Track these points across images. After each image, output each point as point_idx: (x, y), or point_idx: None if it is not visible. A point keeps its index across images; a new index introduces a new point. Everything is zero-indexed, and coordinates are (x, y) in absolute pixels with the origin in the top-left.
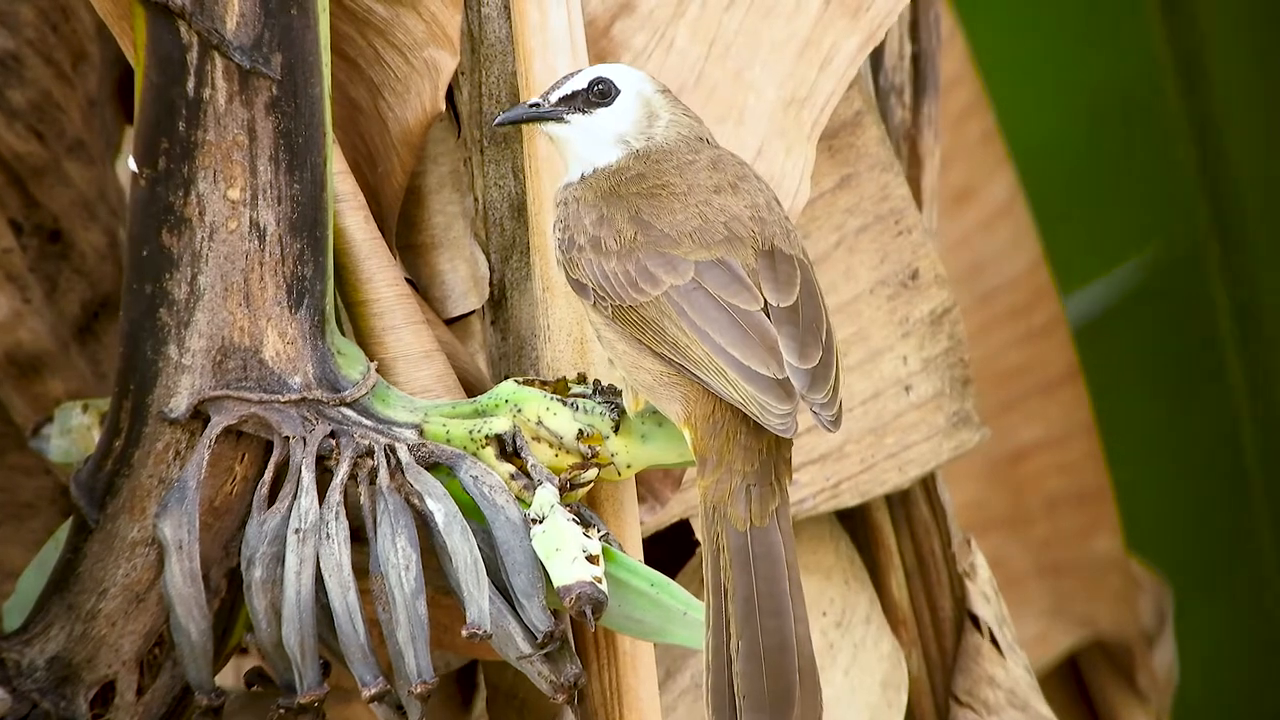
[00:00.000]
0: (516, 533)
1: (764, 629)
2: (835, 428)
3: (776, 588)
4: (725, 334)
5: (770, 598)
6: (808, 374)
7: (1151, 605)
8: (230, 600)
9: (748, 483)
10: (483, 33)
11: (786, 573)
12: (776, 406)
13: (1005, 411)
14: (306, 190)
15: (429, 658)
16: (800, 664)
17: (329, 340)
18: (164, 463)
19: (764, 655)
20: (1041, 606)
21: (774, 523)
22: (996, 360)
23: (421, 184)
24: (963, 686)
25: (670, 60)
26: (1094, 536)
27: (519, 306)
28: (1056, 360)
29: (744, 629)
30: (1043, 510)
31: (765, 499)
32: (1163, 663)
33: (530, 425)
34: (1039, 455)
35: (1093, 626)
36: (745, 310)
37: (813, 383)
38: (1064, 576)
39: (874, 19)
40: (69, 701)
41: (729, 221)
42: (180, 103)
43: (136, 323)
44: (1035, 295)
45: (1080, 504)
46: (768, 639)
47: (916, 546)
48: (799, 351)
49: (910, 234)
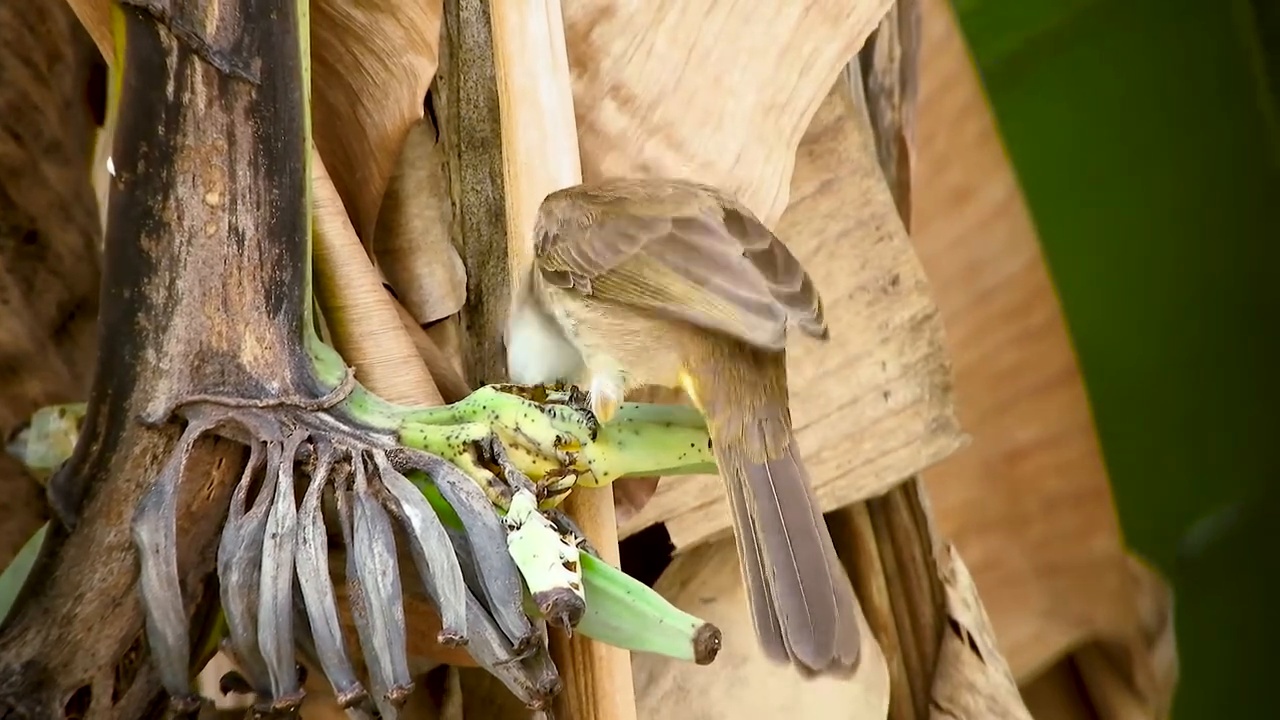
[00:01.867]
0: (493, 539)
1: (797, 554)
2: (826, 337)
3: (803, 515)
4: (709, 265)
5: (799, 524)
6: (791, 297)
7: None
8: (207, 605)
9: (759, 418)
10: (461, 37)
11: (809, 501)
12: (765, 323)
13: (1002, 411)
14: (285, 195)
15: (405, 663)
16: (836, 587)
17: (307, 345)
18: (141, 467)
19: (801, 578)
20: (1039, 607)
21: (789, 456)
22: (994, 360)
23: (399, 188)
24: (943, 692)
25: (650, 65)
26: (1091, 536)
27: (495, 311)
28: (1054, 360)
29: (777, 555)
30: (1040, 510)
31: (777, 434)
32: (1162, 662)
33: (508, 432)
34: (1036, 455)
35: (1090, 627)
36: (724, 250)
37: (796, 304)
38: (1061, 576)
39: (854, 25)
40: (44, 706)
41: (676, 189)
42: (159, 107)
43: (114, 327)
44: (1033, 295)
45: (1077, 504)
46: (802, 564)
47: (897, 552)
48: (779, 278)
49: (891, 240)
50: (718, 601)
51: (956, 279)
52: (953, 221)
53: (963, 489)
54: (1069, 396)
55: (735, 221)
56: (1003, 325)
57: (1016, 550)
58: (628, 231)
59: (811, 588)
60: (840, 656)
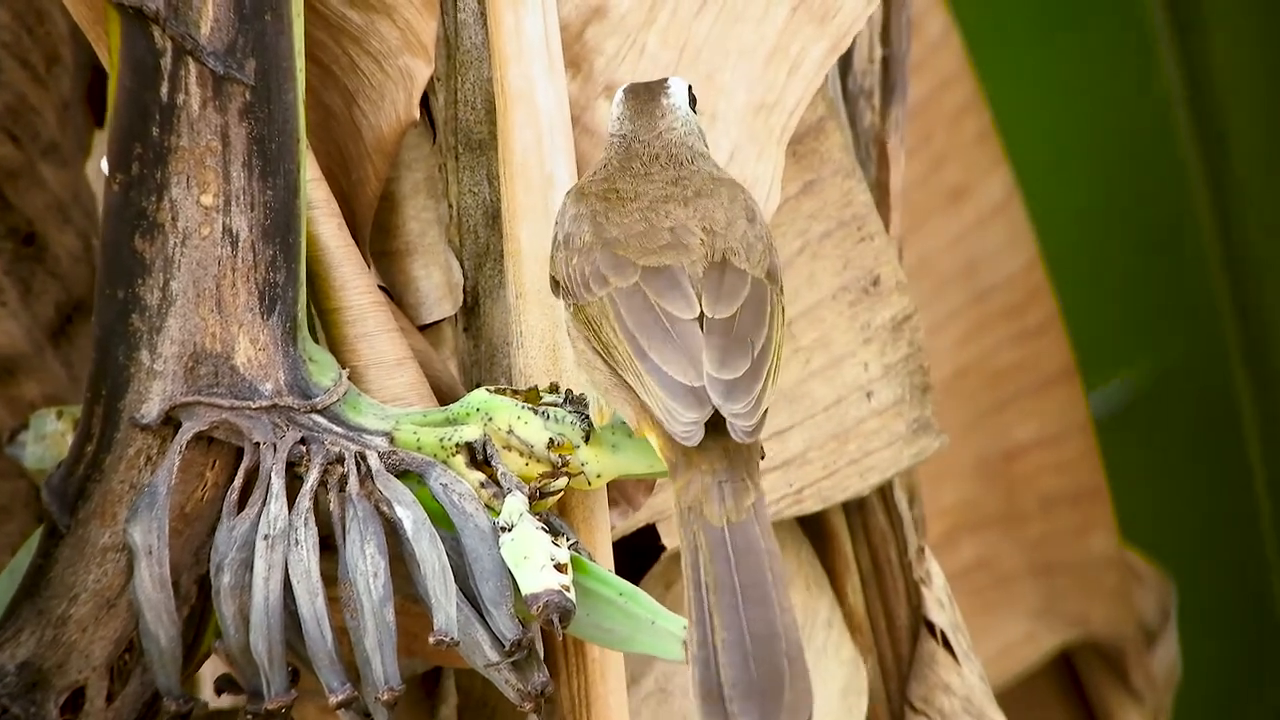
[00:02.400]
0: (485, 541)
1: (749, 619)
2: (748, 438)
3: (759, 577)
4: (650, 337)
5: (754, 588)
6: (727, 384)
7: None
8: (200, 607)
9: (719, 480)
10: (458, 39)
11: (768, 562)
12: (684, 414)
13: (1000, 410)
14: (279, 196)
15: (396, 665)
16: (789, 650)
17: (301, 347)
18: (135, 468)
19: (751, 644)
20: (1035, 605)
21: (751, 516)
22: (991, 359)
23: (396, 190)
24: (918, 693)
25: (642, 65)
26: (1089, 535)
27: (491, 314)
28: (1051, 359)
29: (728, 621)
30: (1037, 509)
31: (740, 494)
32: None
33: (501, 434)
34: (1033, 454)
35: (1086, 626)
36: (677, 317)
37: (731, 394)
38: (1058, 575)
39: (841, 25)
40: (39, 707)
41: (675, 228)
42: (154, 108)
43: (108, 328)
44: (1030, 294)
45: (1075, 503)
46: (753, 628)
47: (873, 553)
48: (721, 362)
49: (872, 240)
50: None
51: (954, 277)
52: (950, 220)
53: (960, 487)
54: (1066, 395)
55: (716, 277)
56: (1000, 324)
57: (1013, 549)
58: (603, 271)
59: (761, 654)
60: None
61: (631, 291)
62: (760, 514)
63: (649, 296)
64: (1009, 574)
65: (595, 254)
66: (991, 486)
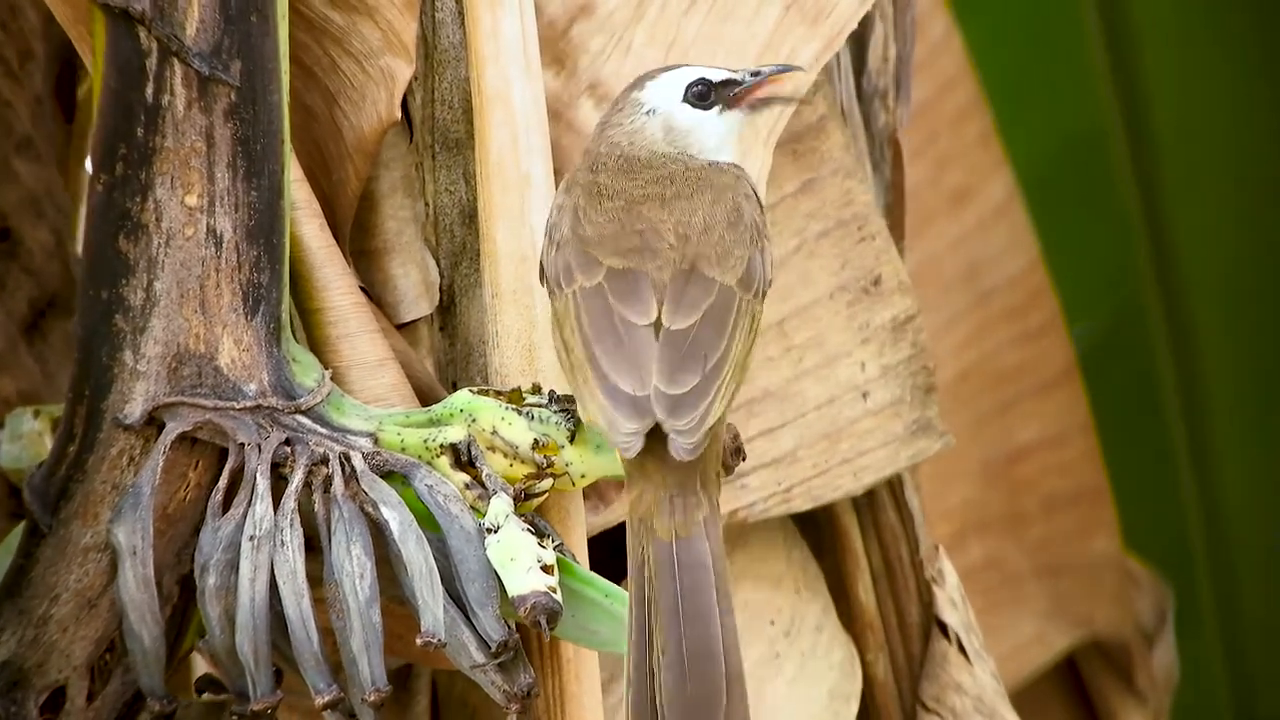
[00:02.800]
0: (471, 542)
1: (688, 637)
2: (688, 455)
3: (703, 596)
4: (603, 342)
5: (696, 606)
6: (672, 399)
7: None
8: (183, 606)
9: (670, 493)
10: (436, 39)
11: (714, 581)
12: (624, 424)
13: (1002, 412)
14: (263, 197)
15: (383, 666)
16: (728, 671)
17: (284, 348)
18: (118, 468)
19: (689, 663)
20: (1039, 607)
21: (700, 532)
22: (994, 360)
23: (374, 189)
24: (930, 693)
25: (628, 63)
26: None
27: (468, 313)
28: (1054, 360)
29: (668, 638)
30: (1040, 510)
31: (690, 509)
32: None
33: (485, 435)
34: (1036, 455)
35: (1090, 627)
36: (631, 323)
37: (675, 409)
38: (1061, 577)
39: (833, 26)
40: (19, 706)
41: (645, 232)
42: (139, 108)
43: (92, 328)
44: (1032, 296)
45: (1077, 504)
46: (692, 647)
47: (884, 552)
48: (669, 375)
49: (873, 240)
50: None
51: (957, 280)
52: (953, 222)
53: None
54: (1069, 397)
55: (680, 285)
56: (1003, 326)
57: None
58: (573, 267)
59: (699, 674)
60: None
61: (594, 292)
62: (711, 530)
63: (609, 299)
64: (1015, 575)
65: (569, 249)
66: (995, 488)
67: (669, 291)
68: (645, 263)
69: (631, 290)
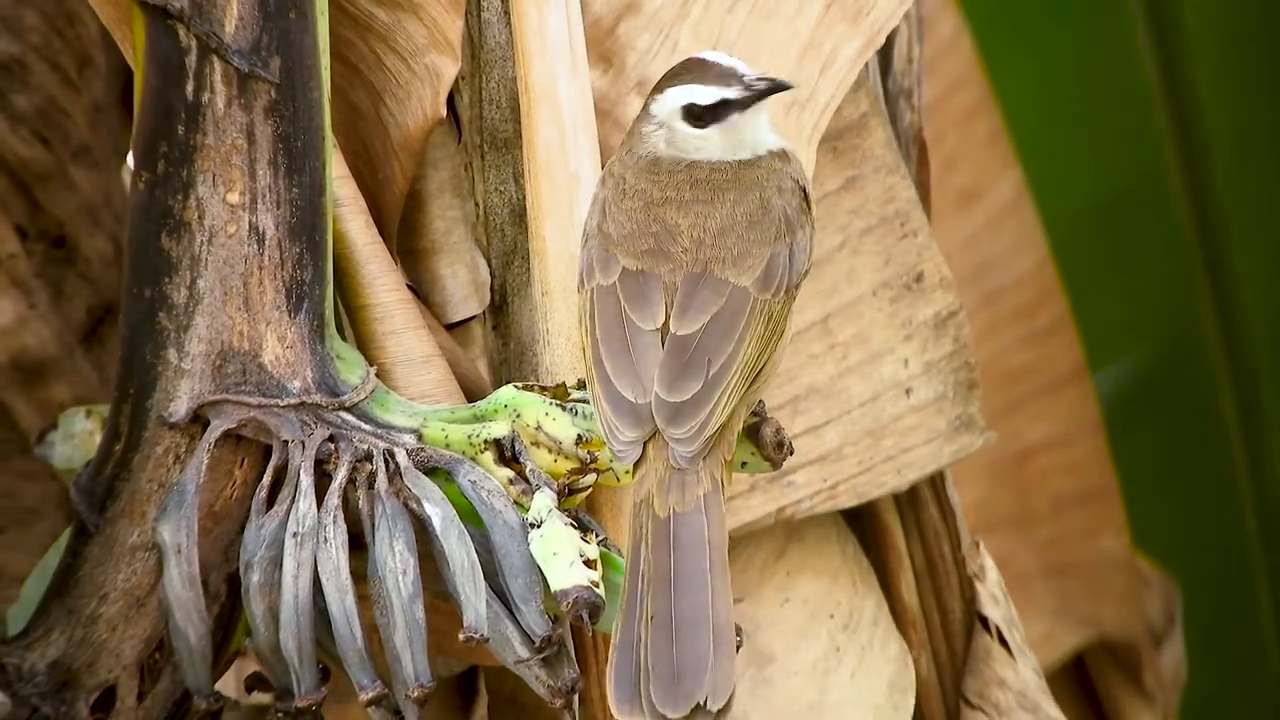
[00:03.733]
0: (514, 537)
1: (679, 606)
2: (688, 463)
3: (697, 566)
4: (610, 345)
5: (689, 576)
6: (672, 406)
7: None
8: (230, 605)
9: (671, 474)
10: (483, 38)
11: (709, 552)
12: (623, 431)
13: (1011, 411)
14: (305, 194)
15: (426, 662)
16: (715, 635)
17: (328, 345)
18: (163, 467)
19: (676, 628)
20: (1047, 606)
21: (699, 506)
22: (1002, 360)
23: (422, 189)
24: (973, 688)
25: (674, 61)
26: (1099, 536)
27: (520, 312)
28: (1062, 360)
29: (657, 606)
30: (1048, 510)
31: (690, 486)
32: (1170, 662)
33: (529, 430)
34: (1045, 455)
35: (1098, 626)
36: (639, 327)
37: (675, 417)
38: (1069, 576)
39: (874, 23)
40: (69, 706)
41: (658, 234)
42: (179, 106)
43: (136, 327)
44: (1041, 295)
45: (1086, 504)
46: (681, 614)
47: (926, 548)
48: (670, 383)
49: (915, 237)
50: (743, 601)
51: (965, 279)
52: (962, 221)
53: (971, 488)
54: (1077, 396)
55: (690, 289)
56: (1011, 325)
57: (1025, 550)
58: (594, 265)
59: (686, 638)
60: (706, 702)
61: (608, 292)
62: (711, 506)
63: (620, 300)
64: (1024, 574)
65: (593, 244)
66: (1004, 488)
67: (678, 295)
68: (658, 265)
69: (642, 293)
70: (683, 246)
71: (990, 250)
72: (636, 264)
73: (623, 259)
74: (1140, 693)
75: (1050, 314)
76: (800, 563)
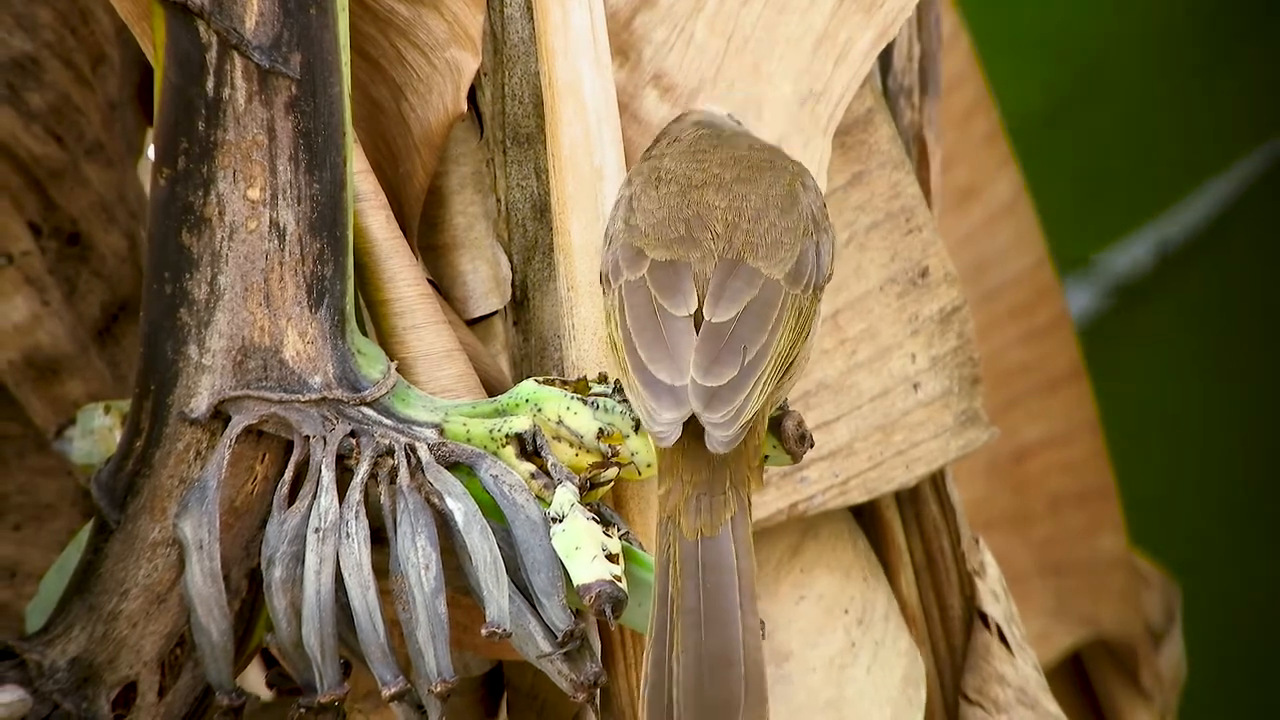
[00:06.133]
0: (536, 531)
1: (708, 640)
2: (725, 448)
3: (725, 598)
4: (643, 333)
5: (718, 608)
6: (709, 391)
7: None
8: (251, 600)
9: (698, 492)
10: (505, 33)
11: (737, 581)
12: (662, 413)
13: (1008, 410)
14: (326, 190)
15: (449, 657)
16: (746, 674)
17: (349, 340)
18: (184, 463)
19: (707, 667)
20: (1044, 605)
21: (727, 531)
22: (999, 359)
23: (443, 184)
24: (972, 685)
25: (690, 54)
26: (1097, 535)
27: (541, 307)
28: (1059, 359)
29: (687, 639)
30: (1046, 509)
31: (717, 509)
32: (1170, 661)
33: (550, 424)
34: (1042, 454)
35: (1095, 625)
36: (671, 315)
37: (712, 401)
38: (1067, 575)
39: (888, 15)
40: (90, 702)
41: (690, 220)
42: (199, 102)
43: (156, 323)
44: (1038, 294)
45: (1083, 503)
46: (710, 650)
47: (926, 545)
48: (707, 368)
49: (921, 232)
50: (760, 599)
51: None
52: (959, 220)
53: (969, 487)
54: (1075, 395)
55: (723, 277)
56: (1009, 323)
57: (1022, 549)
58: (620, 262)
59: (717, 676)
60: None
61: (637, 286)
62: (739, 529)
63: (651, 292)
64: (1021, 573)
65: (618, 244)
66: (1001, 486)
67: (711, 284)
68: (689, 253)
69: (672, 282)
70: (715, 232)
71: (987, 249)
72: (666, 254)
73: (651, 252)
74: (1138, 692)
75: (1048, 312)
76: (815, 559)
